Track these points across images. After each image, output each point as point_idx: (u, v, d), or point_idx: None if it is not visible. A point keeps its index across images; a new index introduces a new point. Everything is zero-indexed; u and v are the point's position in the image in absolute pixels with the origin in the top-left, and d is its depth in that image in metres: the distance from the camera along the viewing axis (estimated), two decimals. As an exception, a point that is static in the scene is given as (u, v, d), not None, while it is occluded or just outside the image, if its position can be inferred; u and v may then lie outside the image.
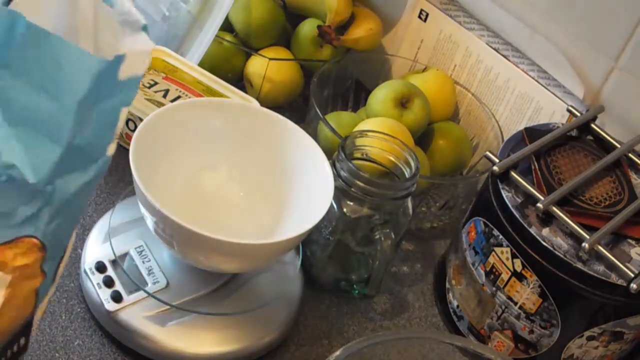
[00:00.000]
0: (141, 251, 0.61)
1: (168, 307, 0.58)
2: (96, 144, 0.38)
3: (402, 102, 0.76)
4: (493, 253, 0.62)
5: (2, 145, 0.35)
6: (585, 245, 0.56)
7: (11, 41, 0.35)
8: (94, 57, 0.35)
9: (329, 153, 0.62)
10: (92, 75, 0.35)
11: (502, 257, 0.61)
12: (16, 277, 0.36)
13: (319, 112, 0.72)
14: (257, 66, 0.83)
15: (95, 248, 0.62)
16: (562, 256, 0.57)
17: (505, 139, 0.69)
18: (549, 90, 0.76)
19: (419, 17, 0.87)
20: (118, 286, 0.59)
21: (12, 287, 0.36)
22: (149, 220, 0.56)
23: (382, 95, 0.77)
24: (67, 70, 0.35)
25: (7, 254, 0.35)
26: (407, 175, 0.64)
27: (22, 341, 0.40)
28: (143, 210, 0.55)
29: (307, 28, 0.85)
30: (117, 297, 0.58)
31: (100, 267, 0.60)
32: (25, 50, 0.35)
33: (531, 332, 0.61)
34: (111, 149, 0.39)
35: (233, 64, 0.85)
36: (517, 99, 0.79)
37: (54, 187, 0.36)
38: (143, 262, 0.61)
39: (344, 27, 0.86)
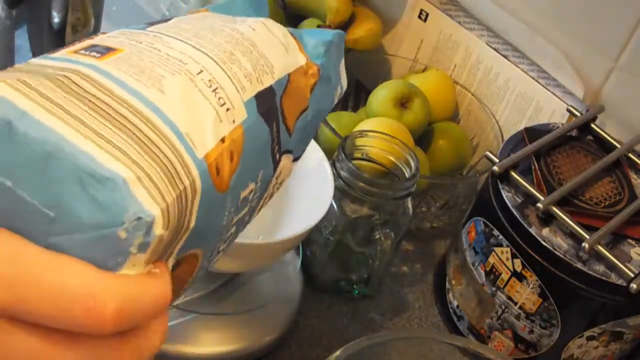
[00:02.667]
0: (141, 251, 0.61)
1: (168, 307, 0.58)
2: None
3: (402, 102, 0.76)
4: (493, 253, 0.62)
5: None
6: (585, 245, 0.56)
7: None
8: None
9: (329, 153, 0.62)
10: None
11: (502, 257, 0.61)
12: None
13: (319, 112, 0.72)
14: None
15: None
16: (562, 256, 0.57)
17: (505, 139, 0.69)
18: (549, 90, 0.76)
19: (419, 17, 0.87)
20: (118, 286, 0.59)
21: None
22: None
23: (382, 95, 0.77)
24: None
25: None
26: (407, 175, 0.64)
27: None
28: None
29: (307, 28, 0.85)
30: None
31: (100, 267, 0.60)
32: None
33: (531, 332, 0.61)
34: None
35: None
36: (517, 99, 0.79)
37: None
38: (143, 262, 0.61)
39: (344, 27, 0.86)
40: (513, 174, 0.62)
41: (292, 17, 0.88)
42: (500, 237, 0.61)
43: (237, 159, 0.29)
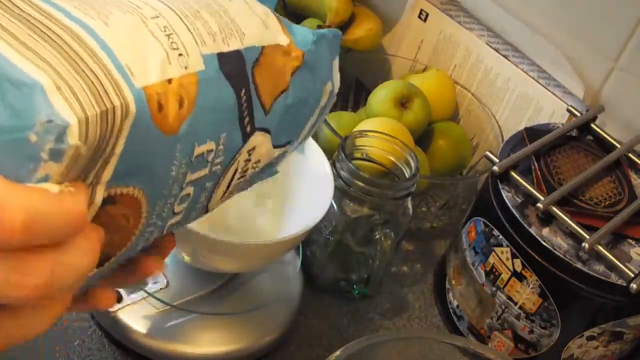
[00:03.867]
0: (141, 251, 0.61)
1: (168, 307, 0.58)
2: None
3: (402, 102, 0.76)
4: (493, 253, 0.62)
5: None
6: (585, 245, 0.56)
7: None
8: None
9: (329, 153, 0.62)
10: None
11: (502, 257, 0.61)
12: None
13: (319, 112, 0.72)
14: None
15: (95, 248, 0.61)
16: (562, 256, 0.57)
17: (505, 139, 0.69)
18: (549, 90, 0.76)
19: (419, 17, 0.87)
20: (118, 286, 0.59)
21: None
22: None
23: (382, 95, 0.77)
24: None
25: None
26: (407, 175, 0.64)
27: None
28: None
29: (307, 28, 0.85)
30: (117, 297, 0.58)
31: (100, 267, 0.60)
32: None
33: (531, 332, 0.61)
34: None
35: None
36: (517, 99, 0.79)
37: None
38: (143, 262, 0.61)
39: (344, 27, 0.86)
40: (513, 174, 0.62)
41: (292, 17, 0.88)
42: (500, 237, 0.61)
43: (190, 107, 0.29)
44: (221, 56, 0.31)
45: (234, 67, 0.32)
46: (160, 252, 0.37)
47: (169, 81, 0.28)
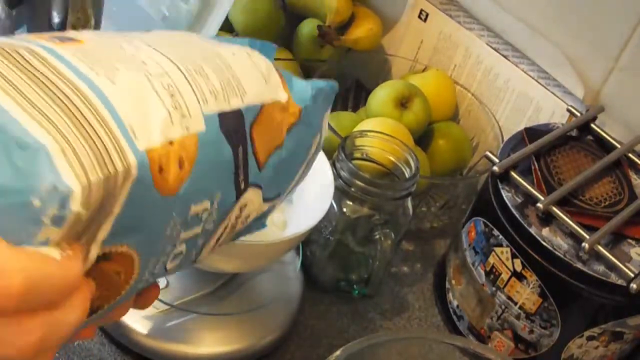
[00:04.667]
0: (141, 251, 0.61)
1: (168, 307, 0.58)
2: None
3: (402, 102, 0.76)
4: (493, 253, 0.62)
5: None
6: (585, 245, 0.56)
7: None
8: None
9: (329, 153, 0.62)
10: None
11: (502, 257, 0.61)
12: None
13: (319, 112, 0.72)
14: (257, 66, 0.83)
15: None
16: (562, 256, 0.57)
17: (505, 139, 0.69)
18: (549, 90, 0.76)
19: (419, 17, 0.87)
20: (118, 286, 0.59)
21: None
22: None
23: (382, 95, 0.77)
24: None
25: None
26: (407, 176, 0.64)
27: None
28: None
29: (307, 28, 0.85)
30: (117, 297, 0.58)
31: (100, 267, 0.60)
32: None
33: (531, 332, 0.61)
34: None
35: (233, 64, 0.85)
36: (517, 99, 0.79)
37: None
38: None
39: (344, 27, 0.86)
40: (513, 174, 0.62)
41: (292, 17, 0.88)
42: (500, 237, 0.61)
43: (189, 168, 0.29)
44: (222, 115, 0.31)
45: (234, 125, 0.32)
46: (143, 301, 0.37)
47: (171, 143, 0.28)
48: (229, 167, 0.32)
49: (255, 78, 0.34)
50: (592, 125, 0.70)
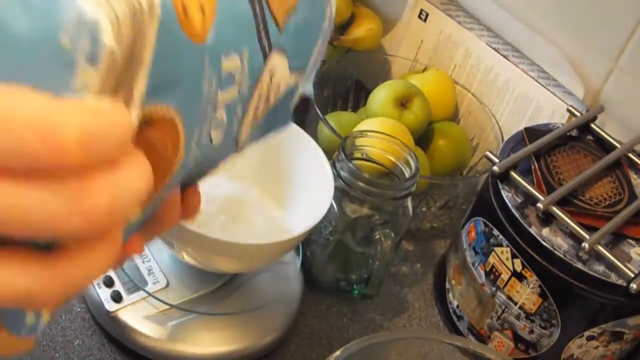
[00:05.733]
0: (141, 251, 0.61)
1: (168, 307, 0.58)
2: None
3: (402, 102, 0.76)
4: (493, 253, 0.62)
5: None
6: (585, 245, 0.56)
7: None
8: None
9: (329, 153, 0.62)
10: None
11: (502, 257, 0.61)
12: None
13: (319, 112, 0.72)
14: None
15: (95, 248, 0.61)
16: (562, 256, 0.57)
17: (505, 139, 0.69)
18: (549, 91, 0.76)
19: (419, 17, 0.87)
20: (118, 286, 0.59)
21: None
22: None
23: (382, 96, 0.77)
24: None
25: None
26: (407, 176, 0.64)
27: None
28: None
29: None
30: (117, 297, 0.58)
31: (100, 267, 0.60)
32: None
33: (531, 332, 0.61)
34: None
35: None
36: (517, 99, 0.79)
37: None
38: (143, 262, 0.61)
39: (344, 27, 0.86)
40: (513, 174, 0.62)
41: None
42: (500, 237, 0.61)
43: (211, 16, 0.27)
44: None
45: None
46: (189, 206, 0.33)
47: None
48: (250, 21, 0.30)
49: None
50: (592, 125, 0.70)
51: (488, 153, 0.65)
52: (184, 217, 0.33)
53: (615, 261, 0.56)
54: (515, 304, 0.61)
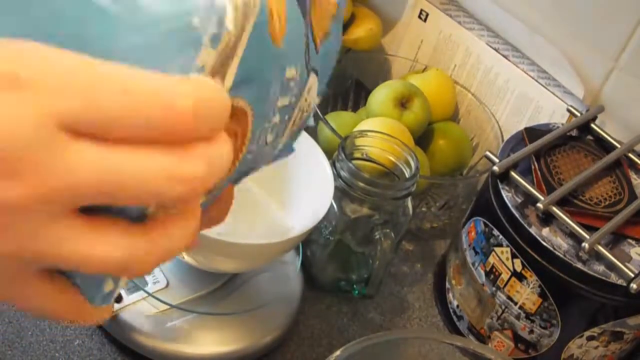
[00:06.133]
0: (141, 251, 0.61)
1: (168, 307, 0.58)
2: None
3: (402, 102, 0.76)
4: (493, 253, 0.62)
5: None
6: (585, 245, 0.56)
7: None
8: None
9: (329, 153, 0.62)
10: None
11: (502, 257, 0.61)
12: None
13: (319, 112, 0.72)
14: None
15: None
16: (562, 256, 0.57)
17: (505, 139, 0.69)
18: (549, 90, 0.76)
19: (419, 17, 0.87)
20: (118, 286, 0.59)
21: None
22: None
23: (382, 95, 0.77)
24: None
25: None
26: (407, 175, 0.64)
27: None
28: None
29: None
30: (117, 297, 0.58)
31: (100, 267, 0.60)
32: None
33: (531, 332, 0.61)
34: None
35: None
36: (517, 99, 0.79)
37: None
38: (143, 262, 0.61)
39: (344, 27, 0.86)
40: (513, 174, 0.62)
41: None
42: (500, 237, 0.61)
43: (284, 25, 0.28)
44: None
45: None
46: (222, 203, 0.35)
47: None
48: (302, 38, 0.31)
49: None
50: (592, 125, 0.70)
51: (488, 153, 0.65)
52: (217, 217, 0.35)
53: (615, 261, 0.56)
54: (515, 304, 0.61)
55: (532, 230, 0.58)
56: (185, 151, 0.22)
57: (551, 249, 0.57)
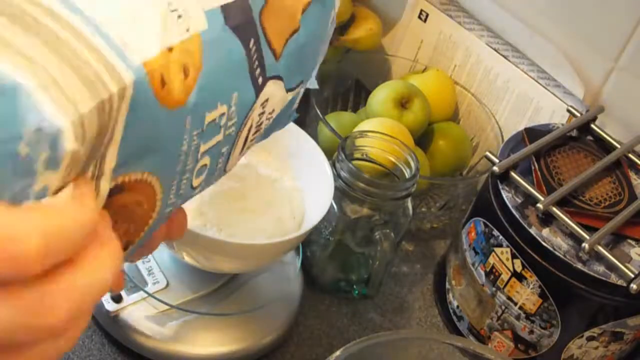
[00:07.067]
0: (141, 251, 0.61)
1: (168, 307, 0.58)
2: None
3: (402, 103, 0.76)
4: (493, 253, 0.62)
5: None
6: (585, 245, 0.56)
7: None
8: None
9: (329, 153, 0.62)
10: None
11: (502, 257, 0.61)
12: None
13: (319, 112, 0.72)
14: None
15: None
16: (562, 256, 0.57)
17: (505, 139, 0.69)
18: (549, 91, 0.76)
19: (419, 17, 0.87)
20: (118, 286, 0.59)
21: None
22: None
23: (382, 96, 0.77)
24: None
25: None
26: (407, 176, 0.64)
27: None
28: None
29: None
30: (117, 298, 0.58)
31: (100, 267, 0.60)
32: None
33: (531, 332, 0.61)
34: None
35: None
36: (517, 99, 0.79)
37: None
38: (143, 262, 0.61)
39: (344, 27, 0.86)
40: (513, 174, 0.62)
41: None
42: (500, 237, 0.61)
43: (195, 75, 0.26)
44: (225, 8, 0.28)
45: (241, 17, 0.29)
46: (174, 228, 0.33)
47: (170, 49, 0.25)
48: (242, 64, 0.30)
49: None
50: (592, 126, 0.70)
51: (488, 153, 0.65)
52: (169, 236, 0.33)
53: (615, 261, 0.56)
54: (515, 304, 0.61)
55: (532, 231, 0.58)
56: (40, 296, 0.20)
57: (551, 249, 0.57)
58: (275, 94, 0.34)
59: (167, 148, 0.27)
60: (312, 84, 0.41)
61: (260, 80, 0.31)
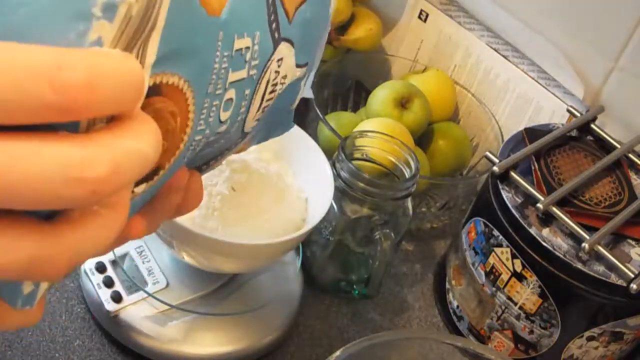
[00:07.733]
0: (141, 251, 0.61)
1: (168, 307, 0.58)
2: None
3: (402, 102, 0.76)
4: (493, 253, 0.62)
5: None
6: (585, 245, 0.56)
7: None
8: None
9: (329, 153, 0.62)
10: None
11: (502, 257, 0.61)
12: None
13: (319, 112, 0.72)
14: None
15: (95, 248, 0.61)
16: (562, 256, 0.57)
17: (505, 139, 0.69)
18: (549, 91, 0.76)
19: (419, 17, 0.87)
20: (118, 286, 0.59)
21: None
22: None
23: (382, 96, 0.77)
24: None
25: None
26: (407, 176, 0.64)
27: None
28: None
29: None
30: (117, 298, 0.58)
31: (100, 268, 0.60)
32: None
33: (531, 332, 0.61)
34: None
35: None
36: (517, 99, 0.79)
37: None
38: (143, 262, 0.61)
39: (344, 27, 0.86)
40: (513, 174, 0.62)
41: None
42: (500, 237, 0.61)
43: None
44: None
45: None
46: (191, 194, 0.31)
47: None
48: (262, 7, 0.30)
49: None
50: (592, 126, 0.70)
51: (488, 153, 0.65)
52: (185, 206, 0.31)
53: (615, 261, 0.56)
54: (515, 304, 0.61)
55: (532, 231, 0.58)
56: (83, 148, 0.19)
57: (551, 249, 0.57)
58: (288, 58, 0.34)
59: (202, 56, 0.26)
60: (308, 93, 0.41)
61: (276, 34, 0.31)
